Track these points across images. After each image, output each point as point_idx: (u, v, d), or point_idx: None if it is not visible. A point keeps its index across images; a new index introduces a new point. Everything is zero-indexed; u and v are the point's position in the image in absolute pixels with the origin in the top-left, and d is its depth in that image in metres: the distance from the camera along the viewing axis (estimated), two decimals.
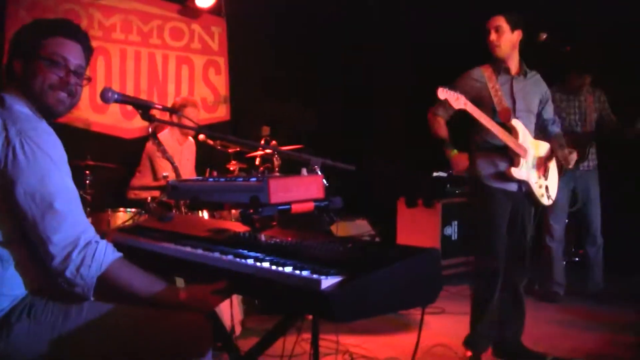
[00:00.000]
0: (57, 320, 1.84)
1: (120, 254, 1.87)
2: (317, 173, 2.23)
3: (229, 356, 2.47)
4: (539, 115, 3.79)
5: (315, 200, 2.05)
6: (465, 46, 3.78)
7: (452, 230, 6.03)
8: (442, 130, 3.67)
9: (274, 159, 4.49)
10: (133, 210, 4.21)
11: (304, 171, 2.20)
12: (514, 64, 3.64)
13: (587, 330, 4.34)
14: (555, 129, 3.88)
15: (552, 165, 3.84)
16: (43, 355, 1.80)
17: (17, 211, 1.76)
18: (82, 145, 4.97)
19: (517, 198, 3.63)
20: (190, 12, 5.88)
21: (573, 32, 4.77)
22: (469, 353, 3.67)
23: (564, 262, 5.44)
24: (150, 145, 4.88)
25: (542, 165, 3.72)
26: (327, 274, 1.56)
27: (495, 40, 3.57)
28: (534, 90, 3.72)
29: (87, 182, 4.07)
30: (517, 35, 3.60)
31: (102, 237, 1.89)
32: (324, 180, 2.15)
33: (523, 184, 3.62)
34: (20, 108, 1.91)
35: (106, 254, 1.82)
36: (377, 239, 5.70)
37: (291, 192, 2.00)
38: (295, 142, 4.88)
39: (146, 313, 1.89)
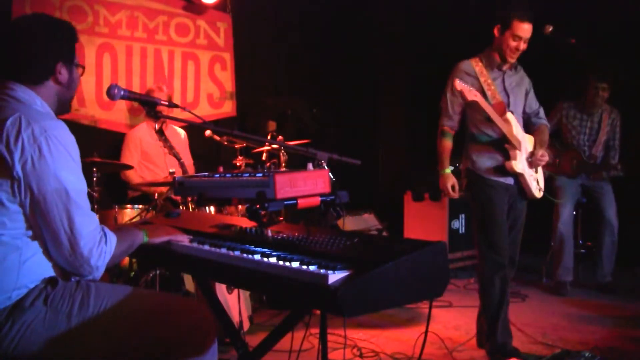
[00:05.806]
0: (74, 308, 1.88)
1: (115, 236, 1.97)
2: (323, 168, 2.23)
3: (238, 351, 2.47)
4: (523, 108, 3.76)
5: (321, 195, 2.05)
6: (467, 38, 3.74)
7: (459, 224, 6.03)
8: (445, 152, 3.67)
9: (281, 154, 4.48)
10: (140, 206, 4.20)
11: (310, 166, 2.20)
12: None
13: (595, 323, 4.33)
14: (539, 120, 3.80)
15: None
16: (58, 342, 1.84)
17: (43, 206, 1.82)
18: (88, 142, 4.98)
19: (513, 192, 3.60)
20: (195, 7, 5.87)
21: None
22: None
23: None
24: (131, 134, 4.95)
25: (532, 158, 3.65)
26: (334, 269, 1.56)
27: (522, 50, 3.51)
28: (521, 84, 3.70)
29: (94, 178, 4.06)
30: None
31: None
32: (331, 175, 2.14)
33: (519, 177, 3.57)
34: (41, 105, 1.97)
35: (112, 242, 1.94)
36: (384, 233, 5.70)
37: (297, 187, 2.00)
38: (301, 137, 4.87)
39: (157, 299, 2.02)
